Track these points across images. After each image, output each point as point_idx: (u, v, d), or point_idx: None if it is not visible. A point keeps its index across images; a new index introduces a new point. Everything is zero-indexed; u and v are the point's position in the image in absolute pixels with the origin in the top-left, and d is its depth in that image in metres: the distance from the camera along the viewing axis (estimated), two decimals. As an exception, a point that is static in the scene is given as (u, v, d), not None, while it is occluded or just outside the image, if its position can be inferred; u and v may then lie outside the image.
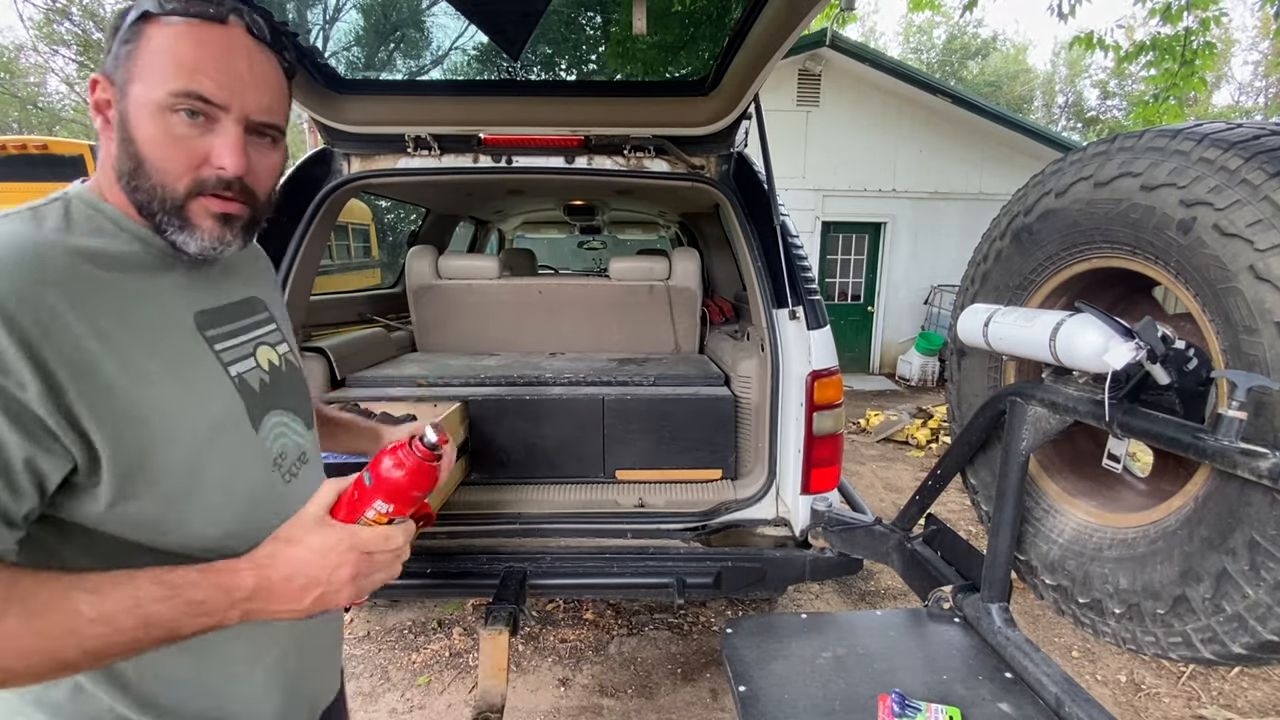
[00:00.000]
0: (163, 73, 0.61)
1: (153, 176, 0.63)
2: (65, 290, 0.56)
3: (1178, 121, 4.93)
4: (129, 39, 0.63)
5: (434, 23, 2.05)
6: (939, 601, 1.30)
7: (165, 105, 0.61)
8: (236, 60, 0.64)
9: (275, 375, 0.78)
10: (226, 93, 0.63)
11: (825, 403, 1.97)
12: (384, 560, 0.64)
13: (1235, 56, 23.35)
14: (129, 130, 0.63)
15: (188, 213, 0.65)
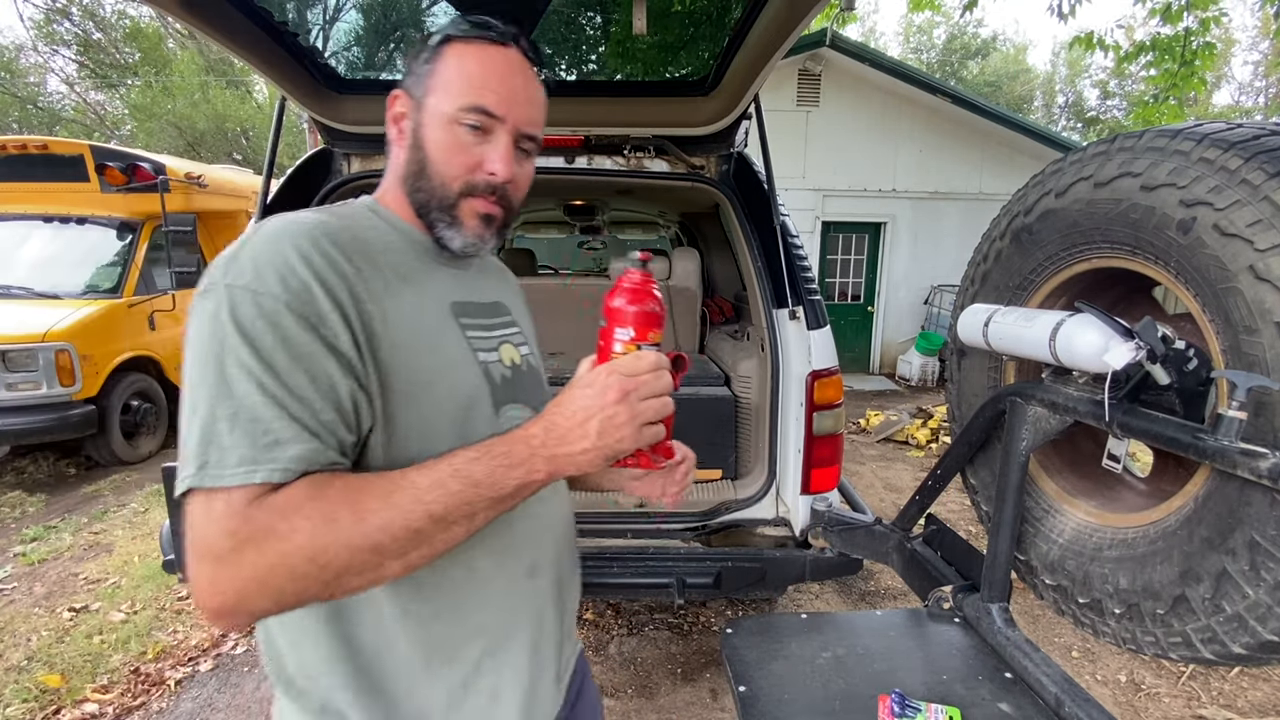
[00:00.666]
0: (456, 87, 0.71)
1: (433, 179, 0.72)
2: (355, 262, 0.64)
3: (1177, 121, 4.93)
4: (430, 59, 0.73)
5: (434, 23, 2.05)
6: (939, 601, 1.30)
7: (454, 118, 0.71)
8: (514, 78, 0.72)
9: (516, 372, 0.81)
10: (504, 106, 0.71)
11: (825, 403, 1.97)
12: (646, 381, 0.64)
13: (1235, 56, 23.36)
14: (420, 137, 0.73)
15: (457, 211, 0.73)
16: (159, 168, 4.88)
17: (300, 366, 0.57)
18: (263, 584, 0.53)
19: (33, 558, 3.34)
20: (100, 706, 2.23)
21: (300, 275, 0.59)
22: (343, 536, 0.54)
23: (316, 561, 0.54)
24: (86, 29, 17.69)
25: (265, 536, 0.53)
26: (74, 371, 4.25)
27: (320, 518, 0.54)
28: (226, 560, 0.52)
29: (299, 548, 0.53)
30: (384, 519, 0.56)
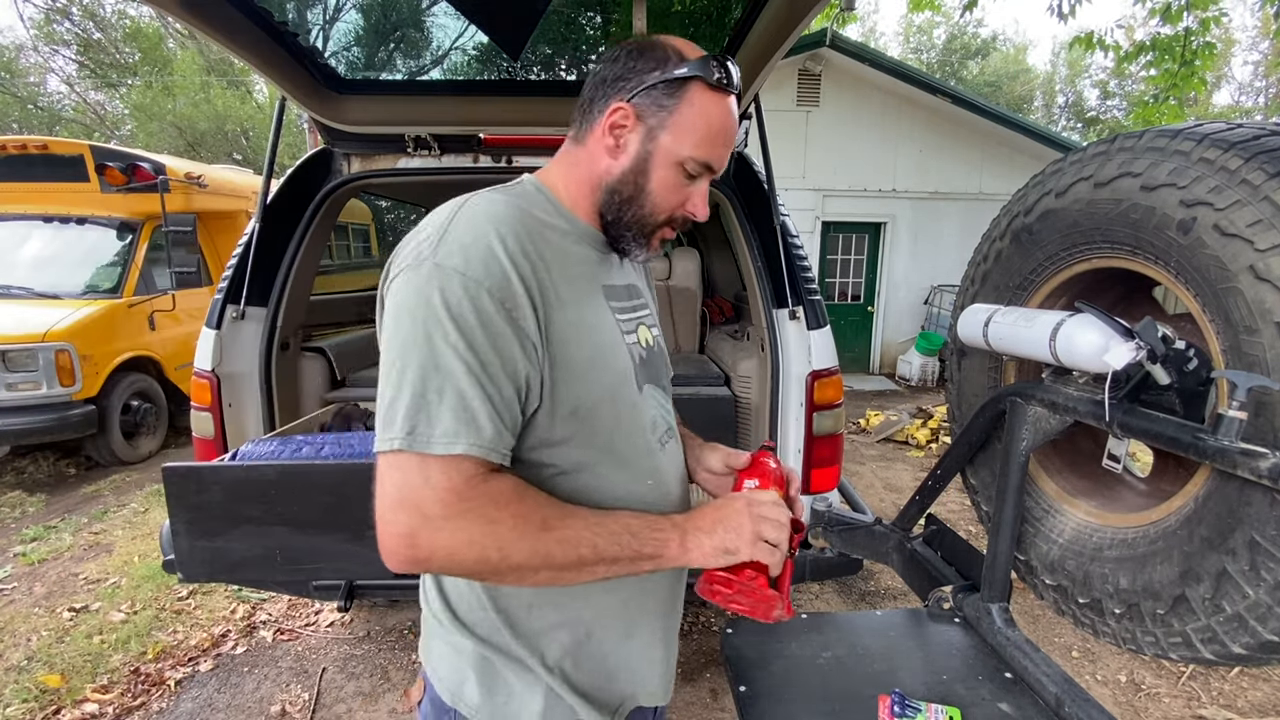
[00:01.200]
0: (694, 138, 0.75)
1: (645, 207, 0.78)
2: (540, 250, 0.71)
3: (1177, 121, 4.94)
4: (674, 91, 0.74)
5: (434, 23, 2.05)
6: (939, 601, 1.30)
7: (682, 163, 0.76)
8: (731, 127, 0.78)
9: (650, 353, 0.86)
10: (721, 162, 0.78)
11: (825, 403, 1.97)
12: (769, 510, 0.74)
13: (1235, 57, 23.35)
14: (645, 167, 0.76)
15: (653, 236, 0.82)
16: (159, 168, 4.88)
17: (494, 347, 0.63)
18: (453, 554, 0.61)
19: (33, 558, 3.34)
20: (100, 706, 2.23)
21: (501, 262, 0.65)
22: (529, 539, 0.63)
23: (502, 550, 0.62)
24: (86, 29, 17.68)
25: (476, 517, 0.61)
26: (74, 371, 4.24)
27: (519, 517, 0.63)
28: (435, 523, 0.61)
29: (496, 535, 0.62)
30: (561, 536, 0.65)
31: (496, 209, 0.70)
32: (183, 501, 1.46)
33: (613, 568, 0.68)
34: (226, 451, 2.00)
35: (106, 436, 4.60)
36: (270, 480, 1.39)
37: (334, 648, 2.59)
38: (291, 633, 2.69)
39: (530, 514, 0.64)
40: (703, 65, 0.74)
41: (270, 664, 2.49)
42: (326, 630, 2.71)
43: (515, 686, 0.78)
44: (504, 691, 0.78)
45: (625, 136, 0.76)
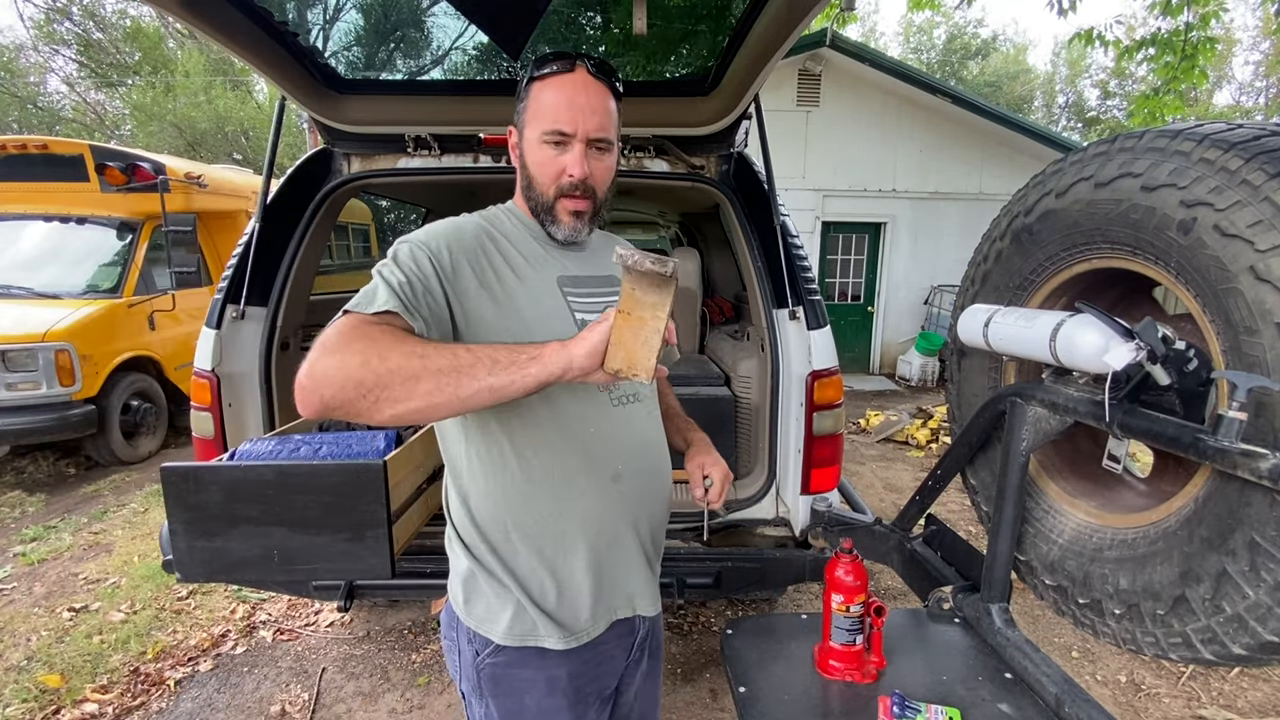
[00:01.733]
0: (538, 118, 0.93)
1: (535, 187, 0.96)
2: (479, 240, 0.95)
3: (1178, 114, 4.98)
4: (523, 98, 0.96)
5: (434, 22, 2.05)
6: (939, 602, 1.30)
7: (541, 140, 0.93)
8: (578, 97, 0.92)
9: None
10: (573, 125, 0.92)
11: (825, 403, 1.97)
12: None
13: (1236, 56, 23.34)
14: (524, 159, 0.97)
15: (555, 210, 0.96)
16: (159, 168, 4.88)
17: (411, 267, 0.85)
18: (343, 365, 0.72)
19: (32, 558, 3.34)
20: (100, 706, 2.23)
21: (442, 240, 0.90)
22: (405, 344, 0.74)
23: (382, 355, 0.72)
24: (87, 28, 17.67)
25: (359, 336, 0.74)
26: (74, 371, 4.24)
27: (397, 335, 0.76)
28: (328, 349, 0.73)
29: (376, 345, 0.73)
30: (437, 346, 0.76)
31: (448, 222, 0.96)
32: (180, 502, 1.44)
33: (494, 371, 0.74)
34: (226, 451, 2.00)
35: (106, 436, 4.60)
36: (268, 480, 1.38)
37: (334, 648, 2.59)
38: (291, 633, 2.69)
39: (404, 333, 0.77)
40: (532, 68, 0.95)
41: (270, 664, 2.49)
42: (326, 630, 2.71)
43: (490, 598, 0.95)
44: (482, 602, 0.96)
45: (515, 150, 0.99)
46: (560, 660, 0.95)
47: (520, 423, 0.92)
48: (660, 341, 0.73)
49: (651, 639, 1.11)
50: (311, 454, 1.57)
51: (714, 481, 1.10)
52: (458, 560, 0.99)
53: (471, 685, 1.00)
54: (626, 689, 1.08)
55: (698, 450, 1.16)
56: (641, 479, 1.01)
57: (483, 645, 0.96)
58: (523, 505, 0.94)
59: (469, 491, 0.96)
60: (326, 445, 1.59)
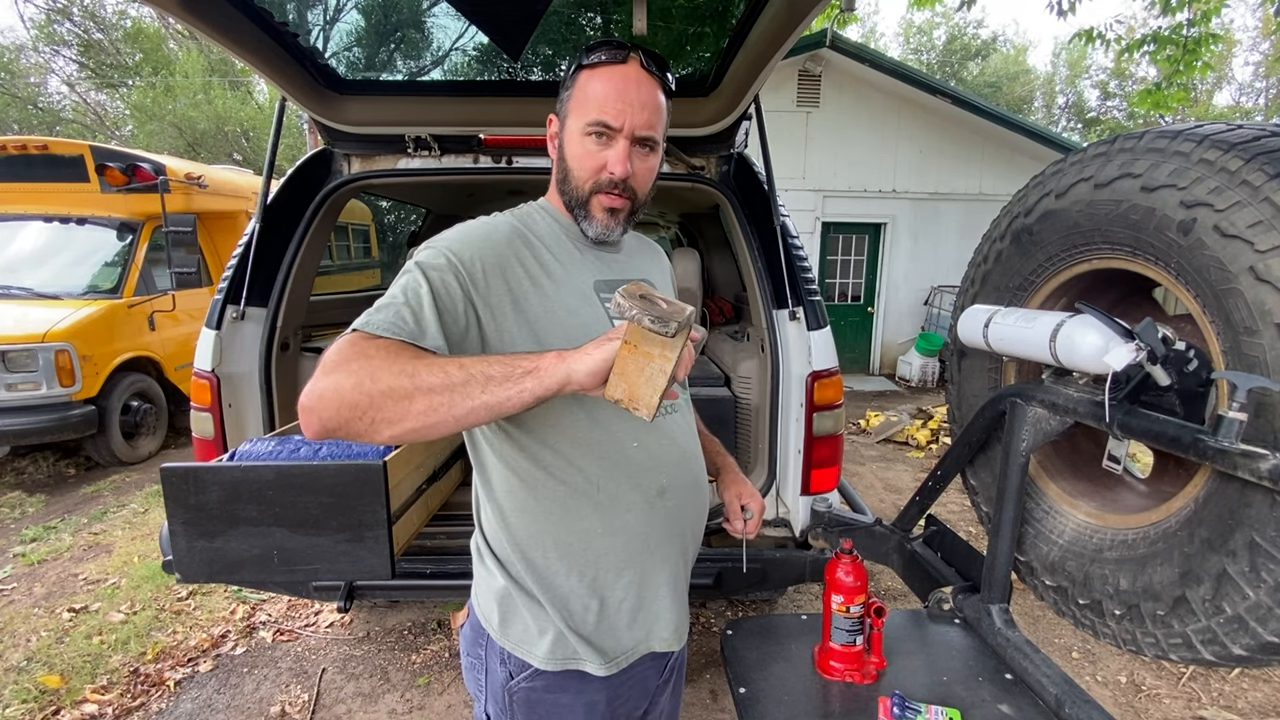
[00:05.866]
0: (583, 108, 0.88)
1: (572, 180, 0.91)
2: (514, 247, 0.89)
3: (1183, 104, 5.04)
4: (568, 86, 0.91)
5: (434, 23, 2.05)
6: (939, 602, 1.30)
7: (583, 131, 0.88)
8: (629, 90, 0.87)
9: None
10: (620, 118, 0.86)
11: (825, 403, 1.97)
12: None
13: (1236, 57, 23.34)
14: (563, 150, 0.92)
15: (590, 205, 0.91)
16: (159, 168, 4.88)
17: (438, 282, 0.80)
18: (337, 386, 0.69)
19: (32, 558, 3.34)
20: (99, 707, 2.23)
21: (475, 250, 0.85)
22: (398, 363, 0.71)
23: (374, 376, 0.69)
24: (87, 29, 17.69)
25: (356, 355, 0.71)
26: (74, 372, 4.24)
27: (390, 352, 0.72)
28: (327, 369, 0.71)
29: (369, 366, 0.70)
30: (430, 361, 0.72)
31: (491, 220, 0.91)
32: (180, 502, 1.45)
33: (488, 388, 0.70)
34: (226, 452, 2.00)
35: (106, 437, 4.60)
36: (268, 480, 1.39)
37: (333, 648, 2.58)
38: (291, 633, 2.69)
39: (403, 351, 0.73)
40: (581, 55, 0.89)
41: (270, 665, 2.49)
42: (326, 631, 2.71)
43: (528, 620, 0.90)
44: (519, 623, 0.91)
45: (554, 141, 0.94)
46: (600, 685, 0.91)
47: (562, 436, 0.88)
48: (667, 380, 0.67)
49: (681, 658, 1.08)
50: (312, 454, 1.57)
51: (753, 514, 1.10)
52: (491, 577, 0.93)
53: (500, 707, 0.93)
54: (653, 709, 1.04)
55: (732, 479, 1.14)
56: (684, 493, 0.97)
57: (518, 668, 0.91)
58: (565, 522, 0.89)
59: (505, 506, 0.91)
60: (327, 446, 1.59)
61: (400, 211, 6.83)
